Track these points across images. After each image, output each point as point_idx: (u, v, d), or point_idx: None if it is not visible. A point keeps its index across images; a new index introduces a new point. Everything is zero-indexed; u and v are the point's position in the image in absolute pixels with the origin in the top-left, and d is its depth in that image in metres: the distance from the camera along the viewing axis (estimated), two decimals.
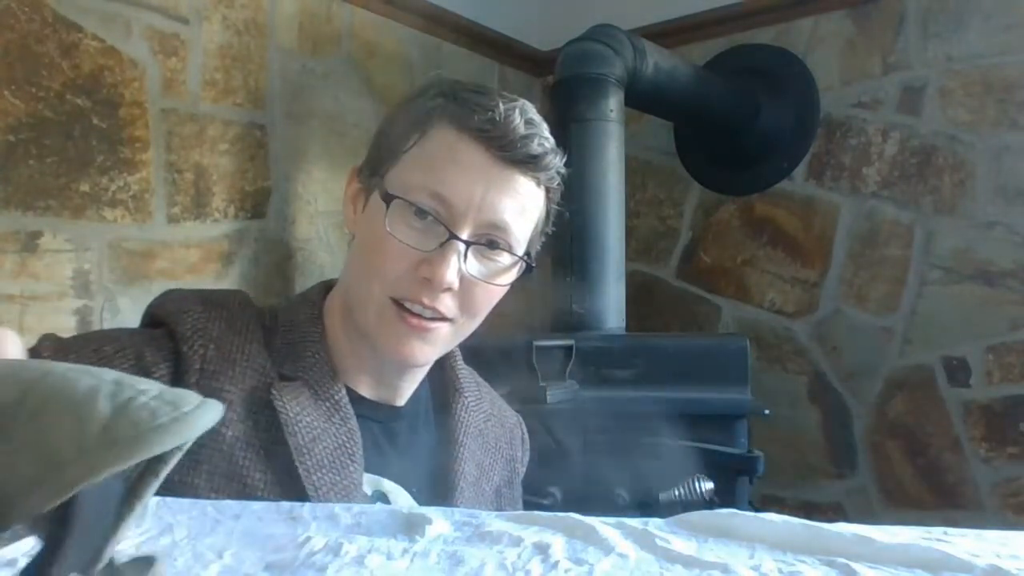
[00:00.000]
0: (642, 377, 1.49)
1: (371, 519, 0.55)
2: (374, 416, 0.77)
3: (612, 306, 1.67)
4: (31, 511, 0.28)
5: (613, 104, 1.70)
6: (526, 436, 0.95)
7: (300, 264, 1.89)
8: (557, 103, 1.77)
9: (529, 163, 0.72)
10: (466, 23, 2.27)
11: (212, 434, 0.65)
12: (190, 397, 0.30)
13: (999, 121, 1.85)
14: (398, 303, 0.72)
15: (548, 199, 0.77)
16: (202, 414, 0.30)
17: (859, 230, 2.03)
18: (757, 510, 0.67)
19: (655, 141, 2.34)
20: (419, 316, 0.72)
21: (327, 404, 0.73)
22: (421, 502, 0.77)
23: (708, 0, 2.21)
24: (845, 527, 0.53)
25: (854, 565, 0.46)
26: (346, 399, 0.74)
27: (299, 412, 0.71)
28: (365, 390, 0.78)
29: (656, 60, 1.80)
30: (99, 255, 1.52)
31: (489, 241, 0.73)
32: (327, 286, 0.83)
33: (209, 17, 1.70)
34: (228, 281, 1.73)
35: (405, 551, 0.49)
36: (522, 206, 0.73)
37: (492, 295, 0.75)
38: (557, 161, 0.74)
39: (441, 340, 0.75)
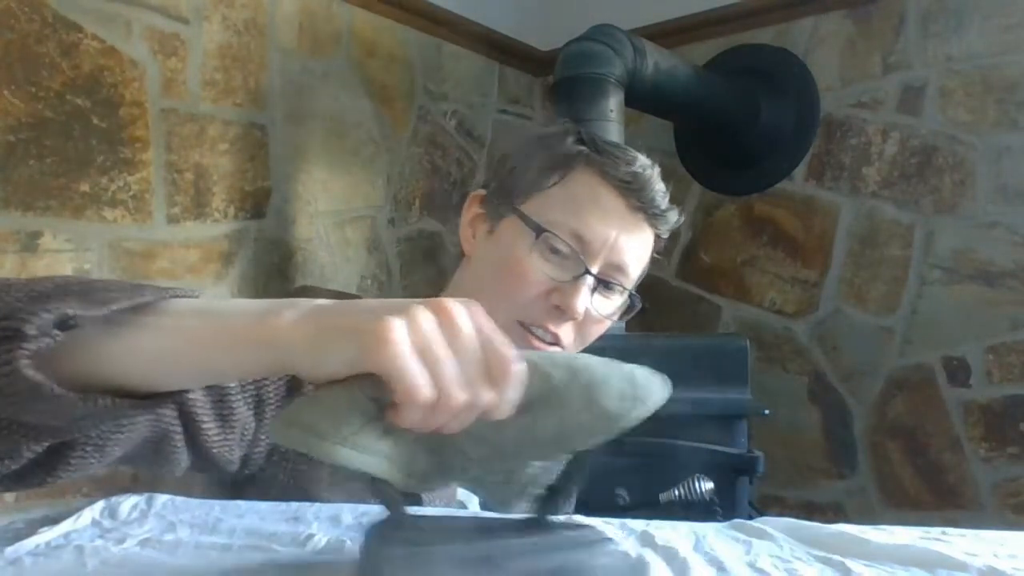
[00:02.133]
0: None
1: (372, 519, 0.55)
2: None
3: None
4: (581, 447, 0.44)
5: (613, 104, 1.70)
6: None
7: (300, 264, 1.89)
8: (557, 103, 1.77)
9: (658, 216, 0.82)
10: (466, 23, 2.27)
11: None
12: (656, 375, 0.45)
13: (999, 121, 1.85)
14: (524, 326, 0.77)
15: (655, 248, 0.85)
16: (666, 387, 0.45)
17: (859, 230, 2.03)
18: (756, 510, 0.67)
19: (655, 141, 2.34)
20: (541, 340, 0.78)
21: None
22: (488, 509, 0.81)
23: (708, 0, 2.21)
24: (843, 527, 0.53)
25: (849, 563, 0.46)
26: None
27: None
28: None
29: (656, 60, 1.80)
30: (99, 255, 1.52)
31: (609, 281, 0.80)
32: None
33: (209, 17, 1.70)
34: (228, 281, 1.73)
35: None
36: (643, 252, 0.83)
37: (602, 329, 0.83)
38: (675, 217, 0.84)
39: None
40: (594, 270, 0.78)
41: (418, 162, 2.17)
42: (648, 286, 0.91)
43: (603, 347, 1.59)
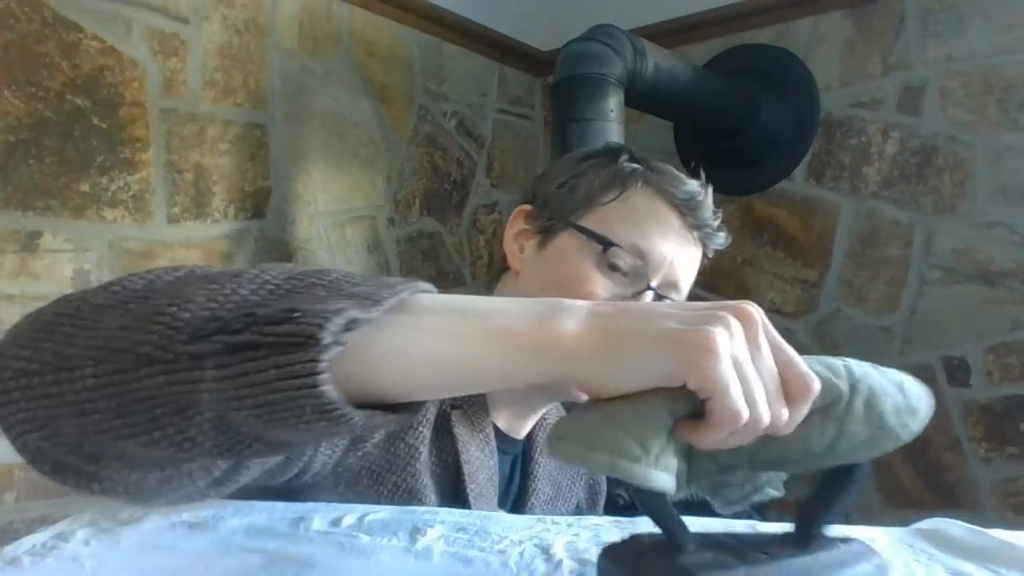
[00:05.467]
0: None
1: (374, 519, 0.55)
2: (504, 449, 0.80)
3: None
4: (854, 460, 0.41)
5: (613, 104, 1.70)
6: None
7: (300, 264, 1.88)
8: (557, 103, 1.77)
9: (710, 237, 0.83)
10: (466, 23, 2.27)
11: (410, 451, 0.70)
12: (921, 385, 0.42)
13: (999, 121, 1.85)
14: None
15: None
16: (931, 399, 0.41)
17: (859, 230, 2.03)
18: (756, 510, 0.66)
19: (655, 141, 2.34)
20: None
21: (480, 436, 0.76)
22: None
23: (708, 0, 2.21)
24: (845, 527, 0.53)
25: None
26: (492, 432, 0.78)
27: (468, 441, 0.75)
28: (501, 423, 0.81)
29: (656, 60, 1.80)
30: (99, 255, 1.52)
31: (665, 297, 0.80)
32: None
33: (209, 17, 1.70)
34: None
35: (407, 551, 0.49)
36: (693, 271, 0.84)
37: None
38: (724, 238, 0.86)
39: None
40: (654, 285, 0.79)
41: (418, 162, 2.17)
42: None
43: None
